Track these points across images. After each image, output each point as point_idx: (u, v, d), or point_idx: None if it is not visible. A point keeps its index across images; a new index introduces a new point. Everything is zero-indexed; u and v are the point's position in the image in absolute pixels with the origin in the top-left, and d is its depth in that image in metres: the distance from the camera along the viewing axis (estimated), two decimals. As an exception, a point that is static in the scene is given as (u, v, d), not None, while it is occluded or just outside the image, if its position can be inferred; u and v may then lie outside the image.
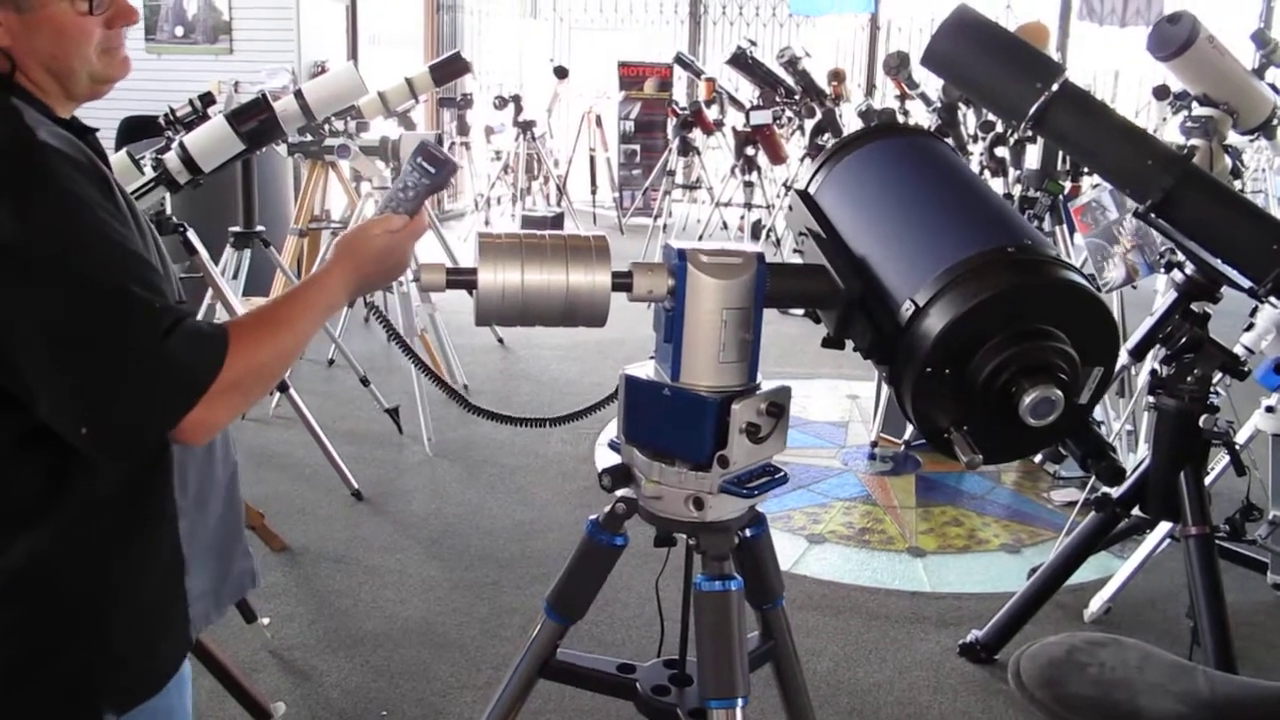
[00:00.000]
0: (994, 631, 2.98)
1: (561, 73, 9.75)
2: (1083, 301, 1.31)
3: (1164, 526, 3.07)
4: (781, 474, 1.43)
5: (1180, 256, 2.60)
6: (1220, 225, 2.38)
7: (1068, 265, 1.34)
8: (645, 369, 1.42)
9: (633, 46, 11.58)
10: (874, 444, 4.61)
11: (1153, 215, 2.38)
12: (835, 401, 5.35)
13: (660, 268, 1.33)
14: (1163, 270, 2.65)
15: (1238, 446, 2.73)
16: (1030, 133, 2.48)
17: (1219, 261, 2.50)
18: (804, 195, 1.57)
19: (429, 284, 1.26)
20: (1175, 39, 3.06)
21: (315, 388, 5.12)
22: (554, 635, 1.59)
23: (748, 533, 1.51)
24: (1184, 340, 2.60)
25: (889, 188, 1.53)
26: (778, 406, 1.36)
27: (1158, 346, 2.68)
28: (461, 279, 1.29)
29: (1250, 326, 3.01)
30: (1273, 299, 2.42)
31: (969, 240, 1.33)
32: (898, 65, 8.23)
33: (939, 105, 7.39)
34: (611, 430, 4.86)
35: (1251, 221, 2.38)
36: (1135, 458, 3.82)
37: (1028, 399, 1.22)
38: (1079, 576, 3.07)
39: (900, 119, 8.18)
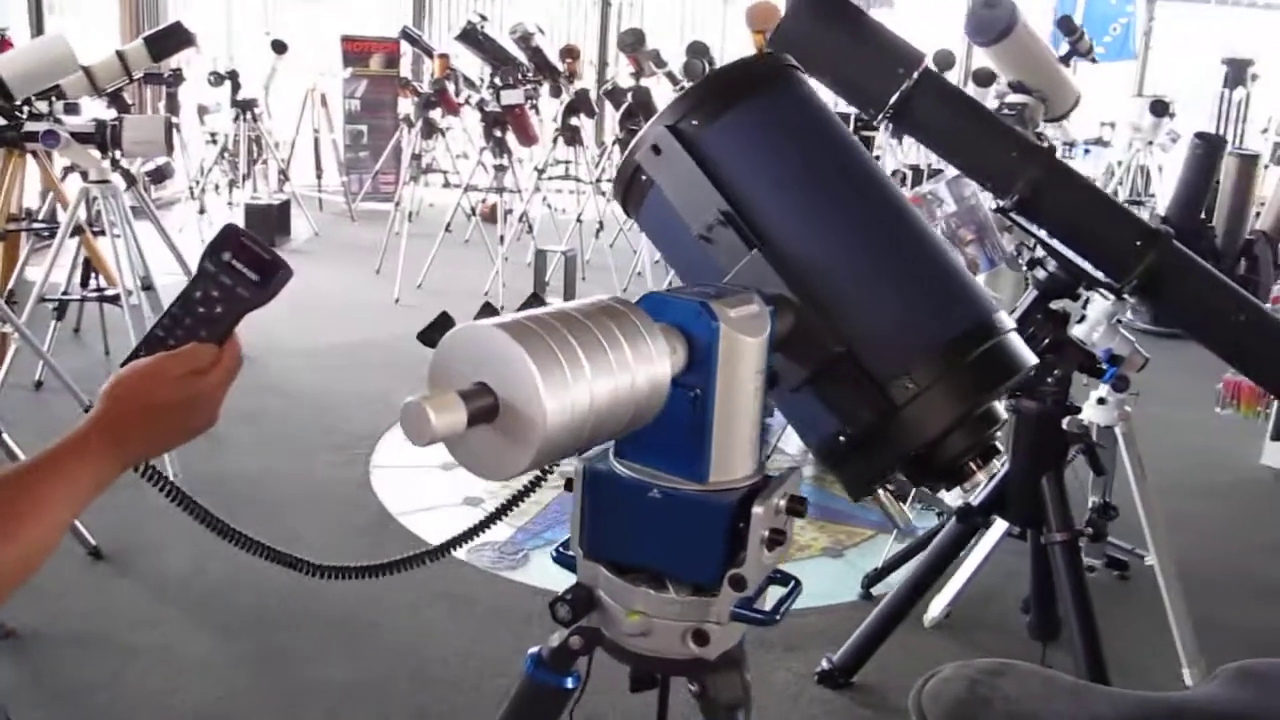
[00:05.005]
0: (849, 654, 2.79)
1: (280, 47, 8.92)
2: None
3: (1001, 525, 2.99)
4: (794, 581, 1.11)
5: (1040, 253, 2.49)
6: (1083, 220, 2.28)
7: (1018, 330, 1.26)
8: (609, 460, 1.04)
9: (351, 20, 10.82)
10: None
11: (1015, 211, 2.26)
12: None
13: (668, 332, 0.96)
14: (1024, 268, 2.52)
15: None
16: (888, 124, 2.26)
17: (1078, 257, 2.40)
18: (679, 135, 1.16)
19: (447, 427, 0.81)
20: (997, 24, 2.96)
21: (22, 418, 4.29)
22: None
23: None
24: (1046, 341, 2.49)
25: (833, 184, 1.20)
26: (799, 502, 1.04)
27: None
28: (483, 406, 0.82)
29: (1082, 319, 2.96)
30: (1119, 294, 2.35)
31: (958, 312, 1.17)
32: (633, 42, 8.06)
33: (686, 85, 7.26)
34: (385, 448, 4.42)
35: (1114, 216, 2.29)
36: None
37: (981, 476, 1.18)
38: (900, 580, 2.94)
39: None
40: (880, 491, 1.19)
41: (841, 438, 1.13)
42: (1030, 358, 1.21)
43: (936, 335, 1.13)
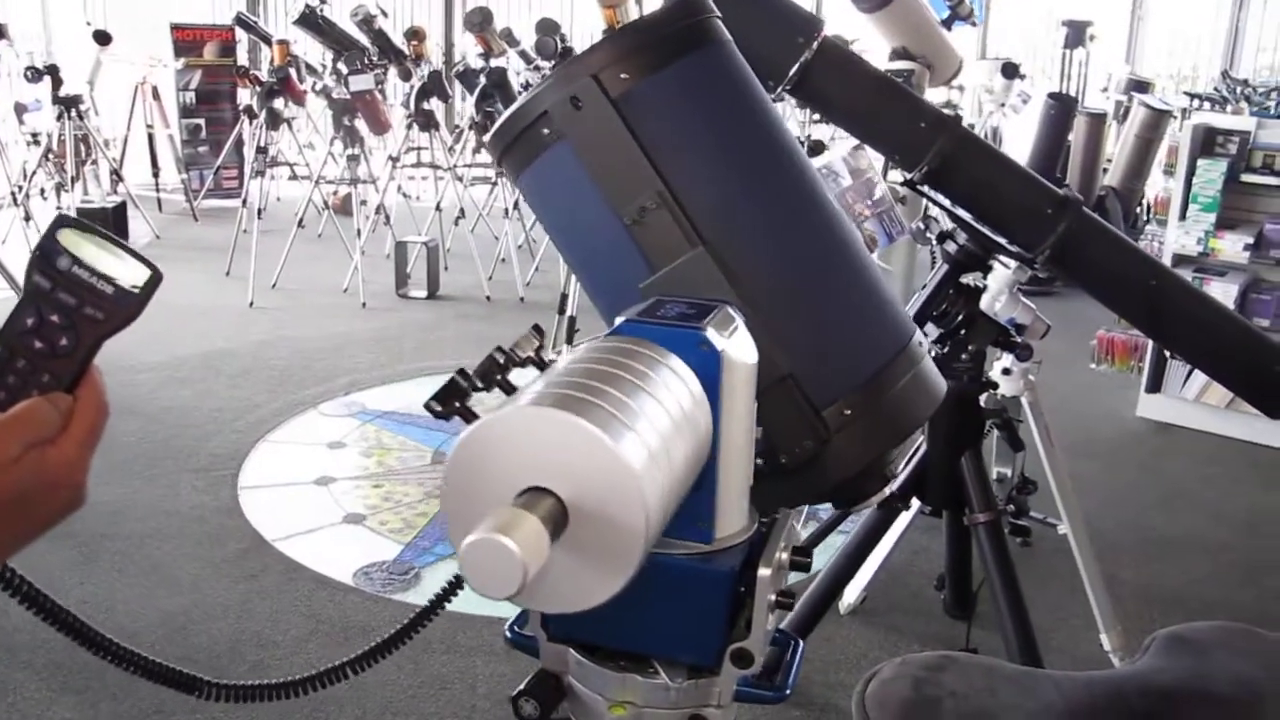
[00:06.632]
0: (773, 654, 2.68)
1: (103, 38, 8.32)
2: None
3: (914, 504, 2.92)
4: (793, 640, 0.96)
5: (949, 226, 2.39)
6: (994, 190, 2.21)
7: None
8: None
9: (180, 7, 10.20)
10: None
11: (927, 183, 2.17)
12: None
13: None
14: (932, 242, 2.43)
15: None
16: (789, 94, 2.13)
17: (988, 228, 2.32)
18: (604, 91, 0.93)
19: (536, 556, 0.59)
20: (882, -12, 2.86)
21: None
22: None
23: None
24: (959, 317, 2.40)
25: (781, 168, 1.02)
26: (803, 553, 0.88)
27: (930, 325, 2.47)
28: (554, 513, 0.63)
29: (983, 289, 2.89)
30: (1032, 263, 2.28)
31: (890, 334, 1.03)
32: (480, 21, 7.78)
33: (540, 63, 7.03)
34: (252, 466, 4.12)
35: (1024, 185, 2.22)
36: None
37: (875, 498, 1.06)
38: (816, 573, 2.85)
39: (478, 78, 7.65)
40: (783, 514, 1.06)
41: (760, 460, 0.97)
42: (942, 383, 1.09)
43: (873, 361, 0.99)
